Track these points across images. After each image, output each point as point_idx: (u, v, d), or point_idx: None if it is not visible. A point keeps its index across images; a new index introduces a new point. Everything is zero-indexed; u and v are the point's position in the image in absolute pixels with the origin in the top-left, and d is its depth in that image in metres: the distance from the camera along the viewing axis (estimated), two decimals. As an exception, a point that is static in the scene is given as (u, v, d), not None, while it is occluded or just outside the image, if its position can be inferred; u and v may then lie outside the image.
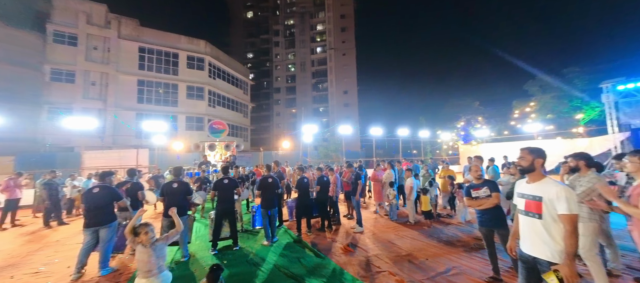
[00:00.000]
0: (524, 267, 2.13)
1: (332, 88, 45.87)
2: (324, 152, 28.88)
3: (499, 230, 3.09)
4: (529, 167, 2.16)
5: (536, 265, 2.03)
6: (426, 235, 5.22)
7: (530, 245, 2.09)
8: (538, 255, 2.01)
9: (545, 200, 1.99)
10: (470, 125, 27.84)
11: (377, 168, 7.82)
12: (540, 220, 2.01)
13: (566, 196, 1.91)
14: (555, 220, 1.95)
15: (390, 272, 3.65)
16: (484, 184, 3.45)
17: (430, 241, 4.88)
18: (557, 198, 1.93)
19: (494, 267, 3.25)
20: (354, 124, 38.91)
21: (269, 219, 5.04)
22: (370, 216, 7.10)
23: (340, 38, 46.48)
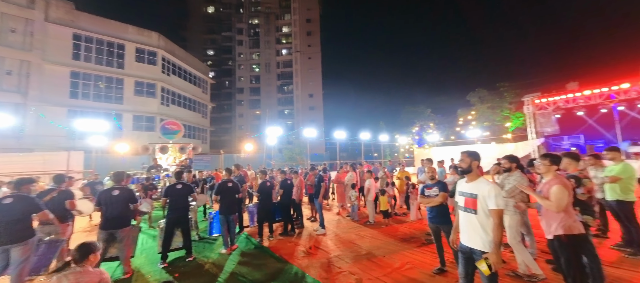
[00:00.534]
0: (463, 257, 2.40)
1: (298, 91, 45.86)
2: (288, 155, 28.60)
3: (444, 226, 3.43)
4: (467, 168, 2.44)
5: (472, 255, 2.30)
6: (384, 234, 5.52)
7: (467, 237, 2.36)
8: (474, 246, 2.28)
9: (480, 198, 2.28)
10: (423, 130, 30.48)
11: (340, 170, 8.04)
12: (475, 215, 2.29)
13: (495, 193, 2.21)
14: (487, 215, 2.24)
15: (350, 271, 3.76)
16: (435, 184, 3.80)
17: (387, 239, 5.17)
18: (488, 195, 2.22)
19: (441, 260, 3.59)
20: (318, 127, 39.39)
21: (228, 225, 4.78)
22: (333, 218, 7.24)
23: (306, 42, 46.84)
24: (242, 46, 48.45)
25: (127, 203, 3.86)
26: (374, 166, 12.14)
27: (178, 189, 4.52)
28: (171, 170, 11.41)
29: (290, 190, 6.04)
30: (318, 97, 46.13)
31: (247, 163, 11.31)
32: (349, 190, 7.37)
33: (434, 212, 3.56)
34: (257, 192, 5.84)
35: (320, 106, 45.91)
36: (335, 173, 8.23)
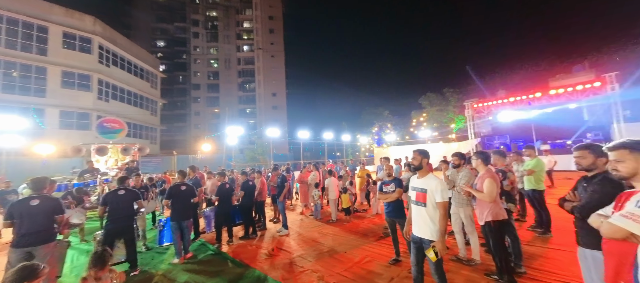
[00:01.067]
0: (414, 246, 2.62)
1: (260, 89, 44.54)
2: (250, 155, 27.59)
3: (399, 220, 3.72)
4: (418, 165, 2.68)
5: (422, 244, 2.53)
6: (346, 231, 5.72)
7: (418, 228, 2.59)
8: (423, 236, 2.52)
9: (429, 192, 2.52)
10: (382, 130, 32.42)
11: (303, 170, 8.06)
12: (425, 208, 2.52)
13: (441, 188, 2.46)
14: (435, 207, 2.48)
15: (313, 269, 3.81)
16: (392, 181, 4.07)
17: (348, 235, 5.36)
18: (436, 189, 2.47)
19: (396, 251, 3.87)
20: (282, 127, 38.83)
21: (181, 233, 4.40)
22: (296, 217, 7.22)
23: (269, 39, 45.76)
24: (199, 39, 45.02)
25: (50, 215, 3.25)
26: (336, 165, 12.47)
27: (120, 195, 4.00)
28: (111, 174, 10.02)
29: (252, 191, 5.84)
30: (281, 96, 45.45)
31: (204, 164, 10.55)
32: (312, 190, 7.44)
33: (390, 207, 3.82)
34: (215, 195, 5.50)
35: (284, 105, 45.32)
36: (299, 173, 8.23)
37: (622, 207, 1.41)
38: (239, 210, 5.79)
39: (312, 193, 7.29)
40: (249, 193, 5.74)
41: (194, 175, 5.88)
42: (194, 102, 44.04)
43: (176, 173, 5.16)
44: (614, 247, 1.45)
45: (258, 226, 6.17)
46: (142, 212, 5.19)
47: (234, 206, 5.70)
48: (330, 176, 7.06)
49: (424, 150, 2.73)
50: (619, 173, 1.52)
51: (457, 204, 3.83)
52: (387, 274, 3.50)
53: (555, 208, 3.02)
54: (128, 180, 4.50)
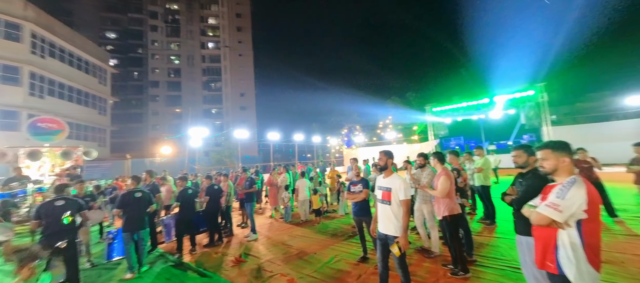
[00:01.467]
0: (380, 243, 2.74)
1: (227, 89, 42.66)
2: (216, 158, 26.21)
3: (366, 218, 3.86)
4: (384, 166, 2.81)
5: (387, 241, 2.66)
6: (316, 231, 5.75)
7: (383, 225, 2.71)
8: (388, 233, 2.64)
9: (393, 190, 2.65)
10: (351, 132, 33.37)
11: (273, 172, 7.91)
12: (389, 206, 2.65)
13: (404, 187, 2.62)
14: (398, 205, 2.62)
15: (281, 273, 3.75)
16: (359, 181, 4.20)
17: (319, 236, 5.40)
18: (399, 188, 2.61)
19: (363, 248, 4.01)
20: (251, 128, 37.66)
21: (135, 245, 3.99)
22: (265, 221, 7.05)
23: (236, 37, 44.10)
24: (157, 33, 41.56)
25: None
26: (307, 166, 12.48)
27: (57, 207, 3.48)
28: (46, 181, 8.70)
29: (217, 196, 5.55)
30: (250, 96, 44.05)
31: (163, 168, 9.72)
32: (282, 192, 7.34)
33: (357, 207, 3.94)
34: (176, 201, 5.11)
35: (253, 106, 43.99)
36: (268, 175, 8.05)
37: (546, 198, 1.66)
38: (203, 216, 5.46)
39: (282, 196, 7.19)
40: (214, 198, 5.45)
41: (151, 180, 5.38)
42: (151, 101, 40.43)
43: (129, 179, 4.68)
44: (541, 232, 1.70)
45: (225, 232, 5.89)
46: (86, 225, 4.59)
47: (198, 212, 5.36)
48: (302, 177, 7.04)
49: (389, 151, 2.88)
50: (544, 169, 1.79)
51: (421, 201, 4.11)
52: (356, 272, 3.61)
53: (499, 201, 3.42)
54: (68, 188, 3.94)
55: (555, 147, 1.74)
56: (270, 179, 7.59)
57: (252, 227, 5.63)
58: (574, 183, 1.56)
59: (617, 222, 4.68)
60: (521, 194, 2.14)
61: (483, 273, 3.23)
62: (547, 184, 1.80)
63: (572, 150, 1.75)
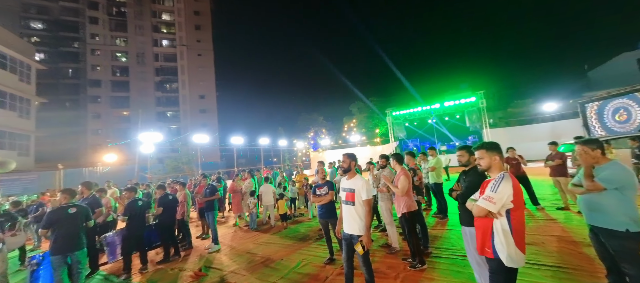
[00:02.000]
0: (345, 243, 2.82)
1: (185, 90, 39.74)
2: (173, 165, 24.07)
3: (332, 220, 3.94)
4: (347, 168, 2.91)
5: (352, 240, 2.75)
6: (283, 237, 5.65)
7: (348, 226, 2.80)
8: (353, 232, 2.73)
9: (356, 191, 2.76)
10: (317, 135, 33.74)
11: (236, 178, 7.57)
12: (353, 206, 2.75)
13: (366, 187, 2.74)
14: (361, 205, 2.73)
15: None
16: (325, 184, 4.27)
17: (286, 241, 5.32)
18: (362, 188, 2.73)
19: (330, 250, 4.08)
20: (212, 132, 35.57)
21: (68, 269, 3.44)
22: (229, 230, 6.70)
23: (195, 36, 41.49)
24: (98, 26, 36.89)
25: None
26: (273, 171, 12.22)
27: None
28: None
29: (173, 206, 5.11)
30: (211, 98, 41.68)
31: (106, 179, 8.59)
32: (247, 198, 7.07)
33: (323, 209, 4.00)
34: (122, 215, 4.55)
35: (214, 109, 41.67)
36: (232, 181, 7.67)
37: (484, 192, 1.91)
38: (156, 230, 4.97)
39: (247, 202, 6.94)
40: (169, 208, 5.00)
41: (90, 193, 4.70)
42: (92, 102, 35.58)
43: (59, 193, 4.03)
44: (480, 223, 1.94)
45: (182, 246, 5.43)
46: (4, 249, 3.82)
47: (149, 226, 4.86)
48: (266, 182, 6.88)
49: (352, 154, 2.99)
50: (481, 167, 2.05)
51: (380, 199, 4.34)
52: (323, 274, 3.64)
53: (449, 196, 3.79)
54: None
55: (489, 147, 2.01)
56: (234, 186, 7.25)
57: (213, 238, 5.30)
58: (503, 178, 1.83)
59: (539, 209, 5.57)
60: (464, 190, 2.42)
61: (438, 264, 3.54)
62: (484, 180, 2.07)
63: (501, 149, 2.05)
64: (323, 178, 4.61)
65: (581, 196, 2.41)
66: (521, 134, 16.39)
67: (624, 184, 2.15)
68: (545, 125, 16.38)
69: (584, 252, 3.38)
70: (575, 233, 4.06)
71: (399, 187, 3.57)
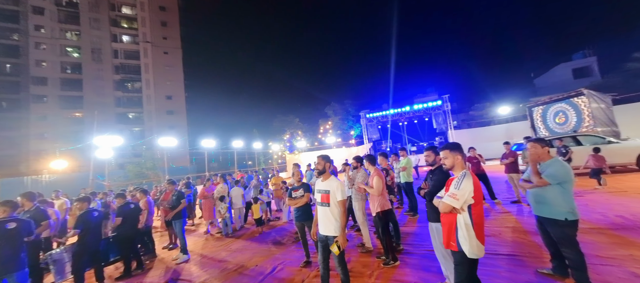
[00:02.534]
0: (321, 245, 2.83)
1: (149, 90, 37.02)
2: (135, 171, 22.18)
3: (308, 222, 3.92)
4: (322, 170, 2.92)
5: (327, 242, 2.76)
6: (258, 242, 5.49)
7: (324, 227, 2.81)
8: (328, 233, 2.75)
9: (331, 193, 2.78)
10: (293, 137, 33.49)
11: (207, 183, 7.20)
12: (328, 207, 2.77)
13: (341, 189, 2.77)
14: (336, 206, 2.76)
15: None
16: (300, 186, 4.23)
17: (261, 247, 5.18)
18: (337, 189, 2.76)
19: (306, 253, 4.05)
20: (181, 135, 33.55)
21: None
22: (199, 239, 6.34)
23: (161, 33, 38.95)
24: (44, 17, 32.95)
25: None
26: (247, 174, 11.86)
27: None
28: None
29: (134, 216, 4.70)
30: (179, 99, 39.35)
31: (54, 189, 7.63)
32: (219, 204, 6.75)
33: (299, 212, 3.97)
34: (74, 228, 4.07)
35: (183, 110, 39.39)
36: (202, 186, 7.28)
37: (448, 189, 2.05)
38: (114, 243, 4.53)
39: (219, 208, 6.63)
40: (130, 219, 4.59)
41: (32, 205, 4.13)
42: (36, 102, 31.53)
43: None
44: (445, 218, 2.07)
45: (145, 257, 5.01)
46: None
47: (107, 239, 4.41)
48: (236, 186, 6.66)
49: (327, 156, 3.01)
50: (445, 166, 2.20)
51: (354, 199, 4.43)
52: (299, 278, 3.60)
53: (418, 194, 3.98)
54: None
55: (452, 147, 2.16)
56: (205, 191, 6.90)
57: (182, 247, 4.97)
58: (465, 176, 1.97)
59: (496, 203, 6.11)
60: (431, 188, 2.57)
61: (409, 259, 3.70)
62: (448, 178, 2.22)
63: (463, 149, 2.21)
64: (299, 180, 4.58)
65: (530, 190, 2.70)
66: (481, 135, 17.89)
67: (564, 179, 2.45)
68: (501, 127, 18.09)
69: (533, 240, 3.77)
70: (527, 224, 4.52)
71: (374, 187, 3.67)
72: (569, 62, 25.93)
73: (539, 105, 13.37)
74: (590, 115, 11.01)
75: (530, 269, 2.97)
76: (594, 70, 24.52)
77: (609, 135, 9.52)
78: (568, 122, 11.92)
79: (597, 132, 10.05)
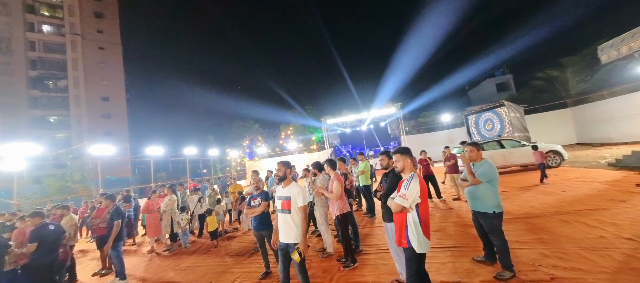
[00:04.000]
0: (281, 253, 2.76)
1: (78, 90, 31.87)
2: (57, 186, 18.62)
3: (266, 231, 3.79)
4: (283, 176, 2.87)
5: (288, 250, 2.71)
6: (212, 257, 5.09)
7: (284, 235, 2.75)
8: (289, 241, 2.69)
9: (292, 199, 2.74)
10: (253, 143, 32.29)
11: (153, 195, 6.43)
12: (289, 214, 2.72)
13: (302, 194, 2.76)
14: (297, 212, 2.73)
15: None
16: (259, 194, 4.07)
17: (215, 261, 4.81)
18: (298, 195, 2.73)
19: (266, 263, 3.90)
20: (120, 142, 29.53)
21: None
22: (141, 260, 5.59)
23: (95, 25, 34.10)
24: None
25: None
26: (202, 184, 10.95)
27: None
28: None
29: (55, 239, 3.90)
30: (118, 101, 34.70)
31: None
32: (167, 217, 6.07)
33: (257, 221, 3.81)
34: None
35: (123, 114, 34.81)
36: (147, 199, 6.46)
37: (399, 190, 2.21)
38: (25, 273, 3.69)
39: (177, 219, 6.01)
40: (47, 243, 3.80)
41: None
42: None
43: None
44: (397, 217, 2.22)
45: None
46: None
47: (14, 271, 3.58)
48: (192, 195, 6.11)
49: (287, 162, 2.98)
50: (397, 168, 2.37)
51: (316, 205, 4.46)
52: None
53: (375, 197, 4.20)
54: None
55: (402, 152, 2.36)
56: (149, 204, 6.14)
57: (118, 271, 4.30)
58: (413, 177, 2.16)
59: (442, 201, 6.82)
60: (386, 190, 2.74)
61: (367, 260, 3.85)
62: (400, 180, 2.40)
63: (412, 153, 2.42)
64: (258, 188, 4.42)
65: (467, 188, 3.09)
66: (428, 139, 19.88)
67: (492, 178, 2.87)
68: (444, 133, 20.40)
69: (471, 232, 4.30)
70: (466, 218, 5.14)
71: (334, 192, 3.75)
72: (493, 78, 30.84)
73: (472, 113, 15.51)
74: (509, 122, 13.18)
75: (468, 258, 3.37)
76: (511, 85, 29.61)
77: (523, 139, 11.52)
78: (494, 128, 14.06)
79: (515, 136, 12.08)
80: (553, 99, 18.43)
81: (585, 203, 4.97)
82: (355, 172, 6.53)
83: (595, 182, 6.50)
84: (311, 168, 4.79)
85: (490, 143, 10.11)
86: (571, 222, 4.15)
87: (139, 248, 6.58)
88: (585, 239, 3.46)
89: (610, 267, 2.75)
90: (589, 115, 14.42)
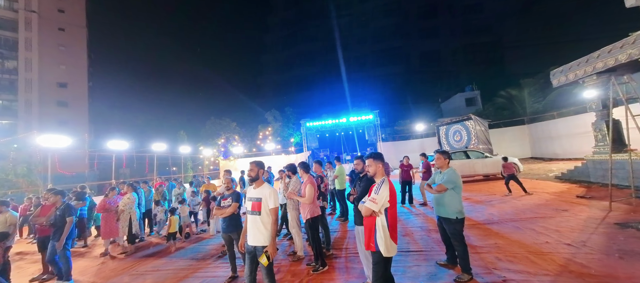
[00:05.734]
0: (249, 257, 2.66)
1: (31, 73, 28.62)
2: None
3: (235, 234, 3.65)
4: (255, 177, 2.79)
5: (255, 253, 2.62)
6: (174, 260, 4.77)
7: (252, 237, 2.65)
8: (257, 244, 2.61)
9: (263, 200, 2.66)
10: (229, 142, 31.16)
11: (110, 193, 5.89)
12: (259, 216, 2.64)
13: (274, 196, 2.69)
14: (267, 214, 2.65)
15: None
16: (230, 195, 3.91)
17: (177, 265, 4.51)
18: (269, 197, 2.66)
19: (232, 267, 3.74)
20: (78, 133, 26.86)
21: None
22: (93, 262, 5.08)
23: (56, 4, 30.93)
24: None
25: None
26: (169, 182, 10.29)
27: None
28: None
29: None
30: (78, 89, 31.66)
31: None
32: (126, 218, 5.59)
33: (226, 222, 3.65)
34: None
35: (84, 103, 31.81)
36: (103, 197, 5.90)
37: (370, 194, 2.25)
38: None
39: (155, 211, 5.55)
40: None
41: None
42: None
43: None
44: (367, 221, 2.26)
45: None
46: None
47: None
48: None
49: (260, 162, 2.90)
50: (370, 173, 2.42)
51: (289, 208, 4.39)
52: (222, 296, 3.28)
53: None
54: None
55: (375, 157, 2.41)
56: (106, 203, 5.62)
57: (64, 271, 3.86)
58: (384, 182, 2.21)
59: (413, 205, 7.10)
60: (359, 193, 2.78)
61: (337, 263, 3.86)
62: (372, 184, 2.44)
63: (384, 159, 2.49)
64: (229, 188, 4.24)
65: (433, 194, 3.24)
66: (403, 147, 20.68)
67: (456, 185, 3.03)
68: (417, 141, 21.37)
69: (436, 237, 4.51)
70: (431, 223, 5.39)
71: (306, 196, 3.72)
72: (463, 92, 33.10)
73: (443, 125, 16.45)
74: (475, 135, 14.19)
75: (432, 262, 3.52)
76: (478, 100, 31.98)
77: (486, 151, 12.44)
78: (462, 140, 15.03)
79: (480, 148, 13.01)
80: (512, 115, 20.22)
81: (535, 211, 5.48)
82: (330, 175, 6.57)
83: (544, 192, 7.20)
84: (285, 170, 4.72)
85: (457, 154, 10.78)
86: (523, 228, 4.53)
87: (90, 251, 5.97)
88: (533, 244, 3.80)
89: (553, 270, 3.04)
90: (541, 132, 16.02)
